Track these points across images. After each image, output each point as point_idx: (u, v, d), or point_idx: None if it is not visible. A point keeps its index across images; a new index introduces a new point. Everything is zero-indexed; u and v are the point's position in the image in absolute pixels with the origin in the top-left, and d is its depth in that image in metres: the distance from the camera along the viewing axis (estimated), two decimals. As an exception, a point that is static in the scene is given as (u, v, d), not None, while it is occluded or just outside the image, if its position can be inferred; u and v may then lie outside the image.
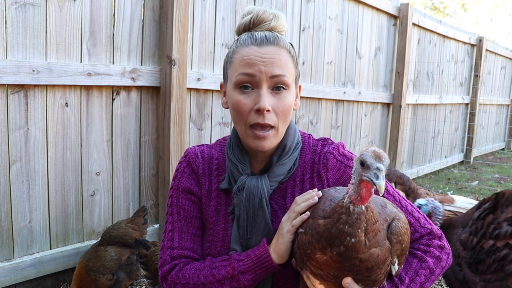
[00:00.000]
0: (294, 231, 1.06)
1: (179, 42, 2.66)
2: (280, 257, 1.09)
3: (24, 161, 2.24)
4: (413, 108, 5.69)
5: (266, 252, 1.10)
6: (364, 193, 0.90)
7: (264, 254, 1.10)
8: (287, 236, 1.07)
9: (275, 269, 1.11)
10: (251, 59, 1.11)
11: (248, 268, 1.11)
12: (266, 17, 1.17)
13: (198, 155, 1.29)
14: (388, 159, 0.89)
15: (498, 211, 1.68)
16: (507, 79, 9.08)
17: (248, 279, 1.11)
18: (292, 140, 1.23)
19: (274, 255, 1.10)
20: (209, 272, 1.14)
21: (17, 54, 2.13)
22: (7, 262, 2.21)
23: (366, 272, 0.95)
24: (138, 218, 2.44)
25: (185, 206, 1.25)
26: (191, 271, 1.17)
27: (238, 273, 1.11)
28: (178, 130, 2.74)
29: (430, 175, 6.32)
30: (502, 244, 1.52)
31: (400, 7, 4.95)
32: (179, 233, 1.24)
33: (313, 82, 4.00)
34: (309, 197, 1.08)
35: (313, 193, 1.09)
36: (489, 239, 1.60)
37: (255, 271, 1.11)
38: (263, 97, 1.11)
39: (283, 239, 1.08)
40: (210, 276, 1.14)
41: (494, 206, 1.72)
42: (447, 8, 22.86)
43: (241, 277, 1.11)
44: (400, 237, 0.99)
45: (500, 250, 1.50)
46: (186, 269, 1.18)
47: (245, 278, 1.11)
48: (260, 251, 1.11)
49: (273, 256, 1.10)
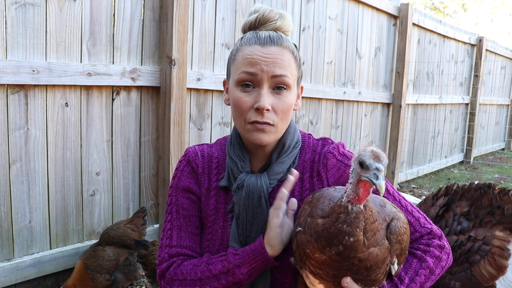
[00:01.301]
0: (277, 214, 1.11)
1: (179, 42, 2.66)
2: (272, 247, 1.11)
3: (24, 161, 2.24)
4: (413, 108, 5.69)
5: (261, 245, 1.12)
6: (362, 193, 0.90)
7: (259, 246, 1.12)
8: (273, 222, 1.11)
9: (270, 262, 1.11)
10: (254, 58, 1.12)
11: (243, 261, 1.12)
12: (272, 16, 1.18)
13: (197, 153, 1.29)
14: (386, 159, 0.89)
15: (453, 206, 1.71)
16: (507, 79, 9.08)
17: (244, 273, 1.11)
18: (291, 138, 1.24)
19: (267, 247, 1.11)
20: (206, 268, 1.15)
21: (17, 54, 2.14)
22: (7, 262, 2.21)
23: (365, 272, 0.95)
24: (137, 219, 2.44)
25: (184, 205, 1.26)
26: (189, 267, 1.17)
27: (234, 267, 1.12)
28: (178, 130, 2.74)
29: (430, 175, 6.32)
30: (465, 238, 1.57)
31: (400, 7, 4.95)
32: (177, 231, 1.24)
33: (313, 82, 4.00)
34: (288, 181, 1.14)
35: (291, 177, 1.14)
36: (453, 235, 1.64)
37: (250, 264, 1.11)
38: (263, 96, 1.12)
39: (270, 226, 1.11)
40: (206, 271, 1.15)
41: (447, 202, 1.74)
42: (447, 8, 22.86)
43: (236, 271, 1.11)
44: (400, 237, 0.99)
45: (464, 244, 1.54)
46: (183, 265, 1.19)
47: (241, 271, 1.11)
48: (256, 244, 1.13)
49: (267, 248, 1.11)
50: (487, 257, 1.49)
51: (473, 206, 1.66)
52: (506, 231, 1.54)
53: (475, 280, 1.48)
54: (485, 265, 1.48)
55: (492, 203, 1.61)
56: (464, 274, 1.50)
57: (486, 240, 1.52)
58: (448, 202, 1.74)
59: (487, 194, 1.65)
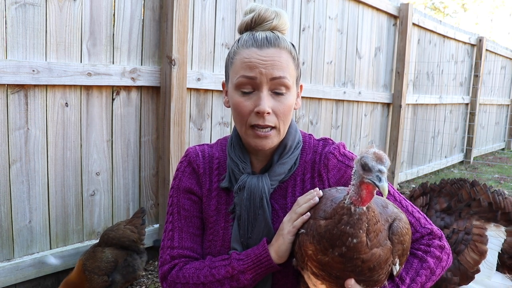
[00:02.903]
0: (295, 232, 1.06)
1: (179, 42, 2.66)
2: (280, 257, 1.09)
3: (24, 161, 2.24)
4: (413, 108, 5.69)
5: (266, 251, 1.10)
6: (365, 195, 0.90)
7: (263, 253, 1.10)
8: (287, 237, 1.07)
9: (275, 268, 1.11)
10: (252, 62, 1.11)
11: (248, 267, 1.11)
12: (268, 16, 1.16)
13: (198, 154, 1.29)
14: (389, 160, 0.89)
15: (432, 204, 1.82)
16: (507, 79, 9.07)
17: (248, 278, 1.11)
18: (292, 139, 1.23)
19: (274, 254, 1.10)
20: (208, 272, 1.14)
21: (17, 54, 2.13)
22: (7, 262, 2.21)
23: (368, 273, 0.95)
24: (136, 219, 2.43)
25: (186, 206, 1.25)
26: (191, 271, 1.16)
27: (238, 273, 1.11)
28: (178, 130, 2.74)
29: (430, 175, 6.33)
30: (450, 231, 1.69)
31: (400, 7, 4.95)
32: (179, 232, 1.24)
33: (313, 82, 4.00)
34: (310, 198, 1.08)
35: (314, 193, 1.08)
36: None
37: (255, 270, 1.11)
38: (263, 100, 1.11)
39: (283, 239, 1.08)
40: (210, 275, 1.13)
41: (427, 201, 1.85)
42: (447, 8, 22.86)
43: (241, 277, 1.11)
44: (402, 237, 0.99)
45: (450, 237, 1.66)
46: (185, 268, 1.18)
47: (245, 277, 1.11)
48: (260, 250, 1.11)
49: (272, 255, 1.10)
50: (469, 245, 1.63)
51: (452, 201, 1.77)
52: (482, 220, 1.70)
53: (462, 268, 1.61)
54: (469, 253, 1.63)
55: (471, 195, 1.74)
56: (453, 264, 1.62)
57: (467, 230, 1.67)
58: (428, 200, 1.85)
59: (464, 188, 1.77)
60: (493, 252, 1.64)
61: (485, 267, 1.63)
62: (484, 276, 1.63)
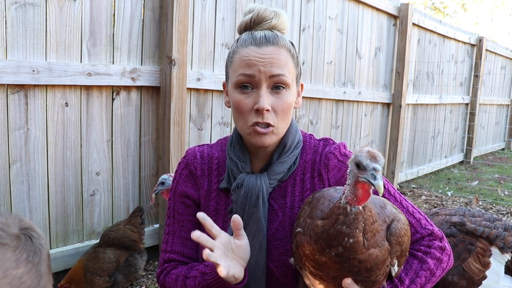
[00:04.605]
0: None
1: (179, 42, 2.66)
2: (236, 279, 1.06)
3: (24, 161, 2.24)
4: (413, 108, 5.69)
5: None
6: (361, 194, 0.90)
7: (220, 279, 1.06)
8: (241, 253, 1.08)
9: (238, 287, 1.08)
10: (250, 60, 1.12)
11: (209, 284, 1.09)
12: (267, 15, 1.17)
13: (196, 155, 1.29)
14: (383, 158, 0.89)
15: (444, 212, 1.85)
16: (507, 79, 9.07)
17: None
18: (292, 138, 1.24)
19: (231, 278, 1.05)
20: (182, 282, 1.16)
21: (17, 54, 2.13)
22: (7, 262, 2.20)
23: (366, 273, 0.95)
24: (135, 219, 2.43)
25: (180, 210, 1.27)
26: (173, 277, 1.19)
27: (203, 286, 1.10)
28: (178, 130, 2.74)
29: (430, 175, 6.32)
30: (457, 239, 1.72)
31: (400, 7, 4.95)
32: (172, 236, 1.26)
33: (313, 82, 4.00)
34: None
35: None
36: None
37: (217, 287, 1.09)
38: (262, 97, 1.12)
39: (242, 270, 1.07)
40: (183, 286, 1.15)
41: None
42: (447, 8, 22.84)
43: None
44: (400, 239, 0.99)
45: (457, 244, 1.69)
46: (170, 274, 1.21)
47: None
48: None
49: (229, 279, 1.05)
50: (473, 255, 1.67)
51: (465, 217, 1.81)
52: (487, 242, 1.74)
53: (467, 274, 1.66)
54: (473, 262, 1.66)
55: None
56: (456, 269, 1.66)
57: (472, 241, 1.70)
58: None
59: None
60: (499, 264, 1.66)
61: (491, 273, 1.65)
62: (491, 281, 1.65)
